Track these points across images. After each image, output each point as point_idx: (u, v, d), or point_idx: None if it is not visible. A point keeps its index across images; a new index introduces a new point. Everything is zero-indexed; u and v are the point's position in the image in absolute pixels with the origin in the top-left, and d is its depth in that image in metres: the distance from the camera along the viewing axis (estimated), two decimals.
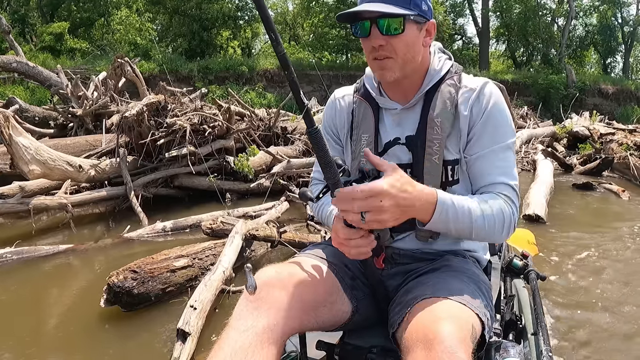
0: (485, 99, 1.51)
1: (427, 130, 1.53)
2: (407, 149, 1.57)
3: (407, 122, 1.59)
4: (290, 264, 1.48)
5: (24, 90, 15.82)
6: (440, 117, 1.52)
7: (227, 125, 7.25)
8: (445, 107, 1.53)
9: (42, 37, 22.15)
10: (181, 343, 2.66)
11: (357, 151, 1.63)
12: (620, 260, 4.63)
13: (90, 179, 6.29)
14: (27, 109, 9.99)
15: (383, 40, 1.44)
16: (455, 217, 1.38)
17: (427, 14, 1.47)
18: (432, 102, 1.55)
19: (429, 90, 1.57)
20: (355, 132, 1.65)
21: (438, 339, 1.15)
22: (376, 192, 1.23)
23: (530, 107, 19.24)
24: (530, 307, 2.00)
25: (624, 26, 34.41)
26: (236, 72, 22.02)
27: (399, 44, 1.45)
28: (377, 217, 1.25)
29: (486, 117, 1.50)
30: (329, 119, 1.76)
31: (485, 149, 1.51)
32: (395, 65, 1.48)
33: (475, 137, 1.52)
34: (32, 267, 4.43)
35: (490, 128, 1.50)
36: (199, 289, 3.12)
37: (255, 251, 4.43)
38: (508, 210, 1.46)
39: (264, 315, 1.27)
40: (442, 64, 1.60)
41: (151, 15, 28.09)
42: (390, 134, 1.60)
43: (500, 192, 1.48)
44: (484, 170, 1.52)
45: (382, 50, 1.46)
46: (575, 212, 6.77)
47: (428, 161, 1.53)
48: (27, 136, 5.39)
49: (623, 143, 9.99)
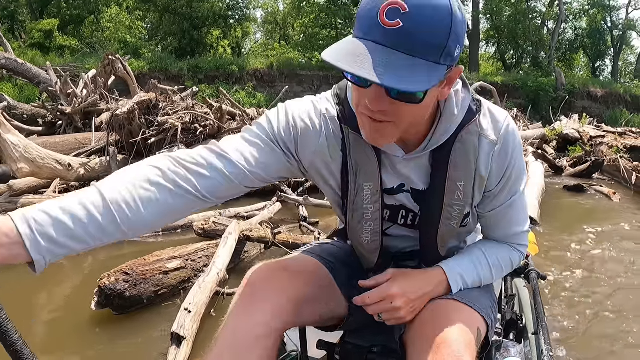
0: (509, 155, 1.26)
1: (445, 193, 1.29)
2: (414, 200, 1.36)
3: (412, 172, 1.31)
4: (284, 260, 1.46)
5: (12, 87, 15.66)
6: (463, 178, 1.27)
7: (219, 125, 7.21)
8: (468, 165, 1.26)
9: (32, 34, 21.96)
10: (176, 347, 2.60)
11: (359, 202, 1.32)
12: (613, 260, 4.66)
13: (79, 177, 6.21)
14: (16, 106, 9.91)
15: (388, 104, 1.04)
16: (470, 277, 1.38)
17: (456, 59, 1.05)
18: (450, 155, 1.25)
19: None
20: (352, 179, 1.31)
21: (445, 342, 1.15)
22: (384, 296, 1.27)
23: (520, 109, 19.33)
24: (531, 306, 2.00)
25: (613, 30, 34.83)
26: (226, 72, 21.97)
27: (410, 111, 1.07)
28: (393, 316, 1.29)
29: (508, 175, 1.29)
30: (298, 130, 1.27)
31: (502, 205, 1.35)
32: (396, 132, 1.12)
33: (493, 195, 1.33)
34: (19, 268, 4.29)
35: (510, 182, 1.31)
36: (193, 291, 3.06)
37: (249, 252, 4.38)
38: (517, 257, 1.46)
39: (258, 311, 1.24)
40: (460, 106, 1.22)
41: (141, 13, 27.94)
42: (393, 181, 1.33)
43: (512, 243, 1.45)
44: (498, 224, 1.41)
45: (381, 115, 1.07)
46: (567, 214, 6.81)
47: (445, 225, 1.34)
48: (15, 134, 5.31)
49: (613, 146, 10.06)
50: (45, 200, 5.32)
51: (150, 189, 1.11)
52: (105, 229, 1.04)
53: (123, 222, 1.06)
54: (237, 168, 1.19)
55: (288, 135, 1.25)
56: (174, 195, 1.13)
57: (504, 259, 1.43)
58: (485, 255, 1.41)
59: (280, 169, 1.28)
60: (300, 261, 1.47)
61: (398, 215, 1.39)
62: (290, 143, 1.26)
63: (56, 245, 0.99)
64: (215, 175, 1.17)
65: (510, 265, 1.45)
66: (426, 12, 0.94)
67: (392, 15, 0.94)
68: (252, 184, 1.24)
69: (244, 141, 1.24)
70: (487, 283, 1.43)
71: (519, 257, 1.47)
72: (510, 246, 1.44)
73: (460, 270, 1.36)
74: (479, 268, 1.39)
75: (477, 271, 1.38)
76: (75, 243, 1.01)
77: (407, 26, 0.94)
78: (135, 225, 1.09)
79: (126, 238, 1.11)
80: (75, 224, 1.00)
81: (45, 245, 0.97)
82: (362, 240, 1.39)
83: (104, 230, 1.04)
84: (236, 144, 1.23)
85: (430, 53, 0.97)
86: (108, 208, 1.04)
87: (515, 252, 1.45)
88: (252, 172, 1.21)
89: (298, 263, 1.45)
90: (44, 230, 0.97)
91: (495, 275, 1.42)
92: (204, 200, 1.19)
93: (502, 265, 1.42)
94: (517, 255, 1.45)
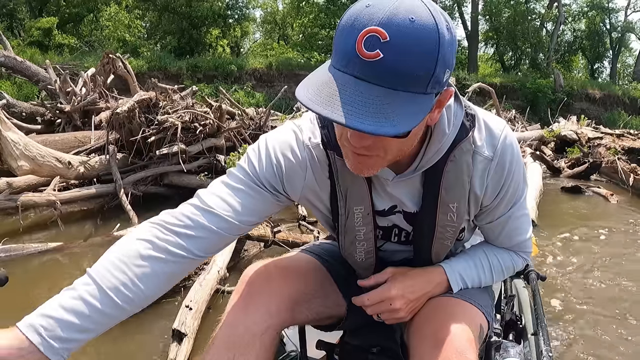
0: (506, 169, 1.19)
1: (437, 215, 1.23)
2: (406, 221, 1.31)
3: (403, 194, 1.25)
4: (281, 259, 1.46)
5: (10, 85, 15.65)
6: (455, 200, 1.21)
7: (219, 124, 7.20)
8: (461, 185, 1.19)
9: (30, 32, 21.93)
10: (177, 344, 2.62)
11: (350, 225, 1.27)
12: (611, 260, 4.68)
13: (79, 175, 6.21)
14: (14, 104, 9.87)
15: (371, 140, 0.97)
16: (470, 277, 1.37)
17: (446, 84, 0.96)
18: (442, 176, 1.18)
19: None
20: (342, 204, 1.25)
21: (448, 338, 1.15)
22: (383, 298, 1.27)
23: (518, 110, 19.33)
24: (530, 307, 2.00)
25: (612, 32, 34.87)
26: (225, 71, 21.94)
27: (395, 144, 1.01)
28: (392, 316, 1.29)
29: (505, 189, 1.23)
30: (283, 169, 1.21)
31: (501, 216, 1.30)
32: (382, 163, 1.05)
33: (491, 209, 1.28)
34: (20, 265, 4.36)
35: (508, 195, 1.25)
36: (194, 288, 3.08)
37: (248, 251, 4.39)
38: (521, 262, 1.45)
39: (255, 309, 1.24)
40: (452, 123, 1.14)
41: (140, 12, 27.91)
42: (384, 203, 1.28)
43: (515, 251, 1.43)
44: (499, 235, 1.36)
45: (365, 150, 1.00)
46: (565, 215, 6.82)
47: (439, 244, 1.30)
48: (16, 131, 5.30)
49: (611, 147, 10.07)
50: (45, 198, 5.34)
51: (144, 264, 1.11)
52: (111, 314, 1.07)
53: (126, 303, 1.09)
54: (226, 222, 1.17)
55: (272, 176, 1.20)
56: (169, 263, 1.13)
57: (505, 262, 1.41)
58: (487, 257, 1.39)
59: (269, 208, 1.26)
60: (298, 259, 1.47)
61: (391, 234, 1.37)
62: (276, 183, 1.21)
63: (69, 342, 1.03)
64: (205, 234, 1.16)
65: (512, 269, 1.44)
66: (409, 39, 0.84)
67: (370, 46, 0.84)
68: (243, 231, 1.24)
69: (229, 189, 1.20)
70: (487, 285, 1.42)
71: (522, 262, 1.45)
72: (516, 253, 1.43)
73: (460, 270, 1.35)
74: (480, 269, 1.38)
75: (477, 272, 1.37)
76: (86, 334, 1.05)
77: (387, 58, 0.84)
78: (138, 303, 1.12)
79: (135, 312, 1.14)
80: (81, 319, 1.03)
81: (59, 345, 1.01)
82: (356, 259, 1.36)
83: (110, 316, 1.07)
84: (221, 194, 1.19)
85: (415, 84, 0.88)
86: (107, 295, 1.06)
87: (519, 257, 1.44)
88: (242, 220, 1.19)
89: (295, 261, 1.45)
90: (53, 334, 1.00)
91: (495, 277, 1.41)
92: (199, 259, 1.19)
93: (503, 268, 1.41)
94: (520, 260, 1.44)
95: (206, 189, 1.22)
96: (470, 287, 1.37)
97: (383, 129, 0.84)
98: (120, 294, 1.07)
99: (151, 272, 1.11)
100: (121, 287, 1.07)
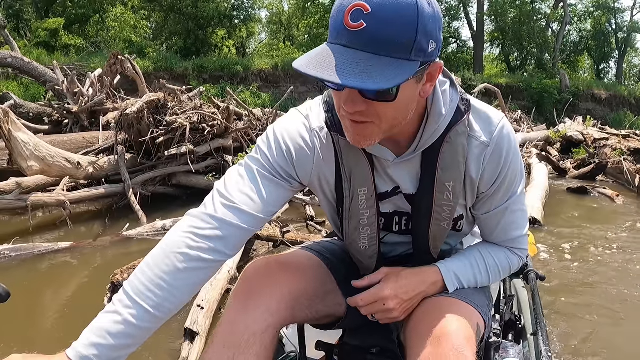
0: (502, 157, 1.24)
1: (434, 194, 1.28)
2: (407, 202, 1.35)
3: (404, 176, 1.31)
4: (281, 256, 1.46)
5: (17, 86, 15.68)
6: (452, 179, 1.26)
7: (226, 125, 7.24)
8: (457, 166, 1.25)
9: (37, 33, 21.95)
10: (189, 343, 2.65)
11: (355, 208, 1.32)
12: (616, 261, 4.69)
13: (88, 176, 6.26)
14: (22, 104, 9.95)
15: (363, 105, 1.05)
16: (466, 278, 1.38)
17: (432, 55, 1.03)
18: (438, 156, 1.24)
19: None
20: (347, 186, 1.30)
21: (445, 336, 1.15)
22: (377, 298, 1.29)
23: (524, 111, 19.34)
24: (529, 307, 1.99)
25: (617, 32, 34.68)
26: (231, 72, 21.91)
27: (387, 110, 1.07)
28: (386, 316, 1.31)
29: (502, 178, 1.27)
30: (293, 154, 1.27)
31: (498, 207, 1.33)
32: (379, 132, 1.11)
33: (488, 197, 1.32)
34: (30, 264, 4.40)
35: (505, 185, 1.29)
36: (205, 288, 3.11)
37: (258, 251, 4.42)
38: (516, 261, 1.45)
39: (255, 308, 1.25)
40: (448, 105, 1.20)
41: (146, 12, 27.97)
42: (386, 185, 1.33)
43: (511, 247, 1.43)
44: (495, 227, 1.38)
45: (360, 116, 1.07)
46: (571, 216, 6.83)
47: (435, 226, 1.33)
48: (26, 132, 5.36)
49: (617, 148, 10.06)
50: (55, 198, 5.37)
51: (181, 277, 1.16)
52: (152, 327, 1.16)
53: (166, 314, 1.16)
54: (249, 216, 1.22)
55: (285, 163, 1.26)
56: (204, 270, 1.20)
57: (501, 262, 1.41)
58: (483, 257, 1.40)
59: (285, 196, 1.30)
60: (298, 257, 1.47)
61: (392, 223, 1.39)
62: (289, 168, 1.27)
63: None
64: (233, 232, 1.21)
65: (508, 269, 1.44)
66: (388, 10, 0.95)
67: (355, 17, 0.95)
68: (263, 224, 1.28)
69: (247, 182, 1.24)
70: (483, 285, 1.42)
71: (518, 262, 1.45)
72: (509, 249, 1.43)
73: (456, 270, 1.36)
74: (476, 269, 1.38)
75: (473, 272, 1.38)
76: (131, 349, 1.13)
77: (370, 26, 0.95)
78: (175, 310, 1.19)
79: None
80: (127, 339, 1.11)
81: None
82: (360, 246, 1.38)
83: (151, 329, 1.16)
84: (242, 188, 1.23)
85: (398, 50, 0.97)
86: (149, 313, 1.13)
87: (515, 256, 1.43)
88: (265, 212, 1.24)
89: (295, 259, 1.45)
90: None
91: (492, 277, 1.41)
92: (228, 258, 1.25)
93: (499, 268, 1.41)
94: (516, 259, 1.44)
95: (223, 182, 1.27)
96: (466, 287, 1.37)
97: (365, 84, 0.95)
98: (162, 309, 1.14)
99: (189, 283, 1.18)
100: (163, 303, 1.14)
